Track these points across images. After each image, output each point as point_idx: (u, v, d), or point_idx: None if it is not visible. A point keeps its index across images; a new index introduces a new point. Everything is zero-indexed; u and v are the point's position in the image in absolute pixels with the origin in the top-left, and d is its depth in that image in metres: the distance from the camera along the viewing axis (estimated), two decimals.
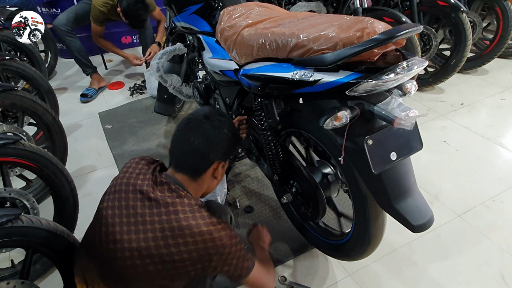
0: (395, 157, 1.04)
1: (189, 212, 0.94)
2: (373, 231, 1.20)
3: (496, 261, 1.55)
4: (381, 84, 0.94)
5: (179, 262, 0.92)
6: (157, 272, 0.92)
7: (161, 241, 0.91)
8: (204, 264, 0.95)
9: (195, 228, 0.92)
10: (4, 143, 1.45)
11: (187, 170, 1.04)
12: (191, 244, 0.92)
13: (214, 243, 0.94)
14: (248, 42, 1.24)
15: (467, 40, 2.47)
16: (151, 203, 0.95)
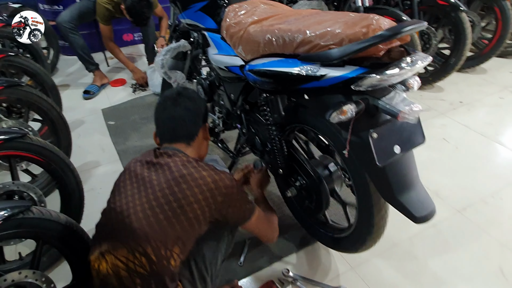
0: (399, 150, 1.07)
1: (189, 164, 1.06)
2: (376, 224, 1.23)
3: (495, 256, 1.58)
4: (386, 79, 0.97)
5: (187, 206, 0.99)
6: (169, 219, 0.98)
7: (167, 190, 1.00)
8: (211, 207, 1.03)
9: (197, 174, 1.03)
10: (12, 137, 1.47)
11: (183, 138, 1.18)
12: (195, 187, 1.01)
13: (217, 184, 1.04)
14: (255, 39, 1.26)
15: (466, 39, 2.50)
16: (155, 167, 1.07)
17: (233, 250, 1.62)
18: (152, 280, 0.97)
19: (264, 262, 1.60)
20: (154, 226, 0.98)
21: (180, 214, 0.99)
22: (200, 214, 1.01)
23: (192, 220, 1.00)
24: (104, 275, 1.01)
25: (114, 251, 0.99)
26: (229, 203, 1.07)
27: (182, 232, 0.99)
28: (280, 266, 1.58)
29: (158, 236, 0.97)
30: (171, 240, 0.98)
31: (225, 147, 1.93)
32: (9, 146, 1.48)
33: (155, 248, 0.96)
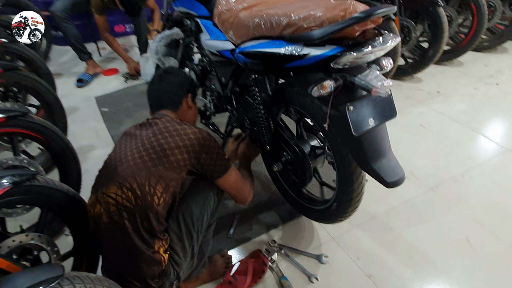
0: (373, 122, 1.20)
1: (173, 121, 1.24)
2: (355, 191, 1.36)
3: (463, 227, 1.74)
4: (360, 57, 1.10)
5: (168, 150, 1.15)
6: (153, 161, 1.14)
7: (152, 138, 1.18)
8: (190, 154, 1.18)
9: (179, 127, 1.21)
10: (15, 115, 1.56)
11: (168, 105, 1.38)
12: (176, 136, 1.18)
13: (196, 135, 1.20)
14: (245, 23, 1.38)
15: (443, 33, 2.66)
16: (145, 126, 1.25)
17: (223, 224, 1.76)
18: (137, 213, 1.10)
19: (252, 234, 1.72)
20: (140, 166, 1.13)
21: (162, 157, 1.14)
22: (180, 159, 1.16)
23: (173, 163, 1.15)
24: (97, 216, 1.15)
25: (106, 190, 1.13)
26: (206, 153, 1.21)
27: (164, 172, 1.13)
28: (267, 237, 1.70)
29: (143, 174, 1.12)
30: (154, 178, 1.12)
31: (216, 129, 2.04)
32: (11, 124, 1.56)
33: (140, 184, 1.11)
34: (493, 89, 2.82)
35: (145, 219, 1.11)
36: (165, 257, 1.18)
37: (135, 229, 1.11)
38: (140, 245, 1.12)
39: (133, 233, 1.11)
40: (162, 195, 1.13)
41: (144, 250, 1.12)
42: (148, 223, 1.12)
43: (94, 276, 1.02)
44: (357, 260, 1.60)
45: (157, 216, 1.13)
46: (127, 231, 1.11)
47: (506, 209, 1.81)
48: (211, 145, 1.23)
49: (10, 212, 1.54)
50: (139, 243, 1.12)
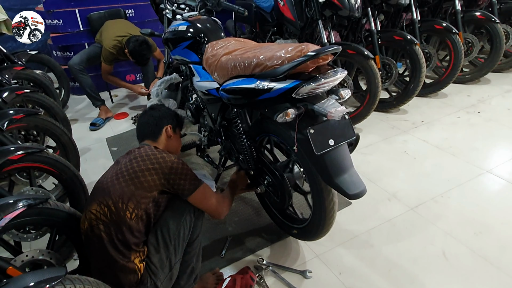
0: (333, 143, 1.39)
1: (149, 149, 1.43)
2: (327, 207, 1.52)
3: (439, 242, 1.85)
4: (315, 87, 1.32)
5: (140, 172, 1.35)
6: (126, 182, 1.34)
7: (128, 163, 1.39)
8: (159, 176, 1.35)
9: (151, 153, 1.40)
10: (33, 151, 1.81)
11: (149, 136, 1.60)
12: (147, 160, 1.38)
13: (165, 159, 1.38)
14: (225, 66, 1.63)
15: (421, 68, 2.90)
16: (127, 154, 1.46)
17: (217, 246, 1.92)
18: (112, 226, 1.31)
19: (242, 253, 1.86)
20: (115, 186, 1.34)
21: (134, 178, 1.34)
22: (150, 180, 1.35)
23: (143, 183, 1.34)
24: (85, 231, 1.36)
25: (90, 207, 1.35)
26: (175, 174, 1.37)
27: (136, 191, 1.32)
28: (256, 257, 1.84)
29: (117, 193, 1.32)
30: (127, 196, 1.32)
31: (211, 161, 2.25)
32: (29, 159, 1.81)
33: (114, 201, 1.31)
34: (474, 117, 2.99)
35: (119, 231, 1.31)
36: (140, 266, 1.35)
37: (110, 240, 1.31)
38: (114, 254, 1.31)
39: (108, 244, 1.31)
40: (134, 211, 1.32)
41: (118, 259, 1.31)
42: (122, 235, 1.31)
43: (92, 279, 1.20)
44: (339, 275, 1.71)
45: (130, 229, 1.32)
46: (103, 242, 1.31)
47: (480, 225, 1.92)
48: (179, 167, 1.40)
49: (25, 237, 1.74)
50: (114, 252, 1.31)
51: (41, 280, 1.06)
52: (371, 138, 2.80)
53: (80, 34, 3.82)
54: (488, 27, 3.31)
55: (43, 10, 3.69)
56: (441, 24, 3.10)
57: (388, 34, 2.98)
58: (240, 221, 2.07)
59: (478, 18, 3.31)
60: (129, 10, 3.92)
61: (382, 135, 2.83)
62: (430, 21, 3.18)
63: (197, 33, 1.96)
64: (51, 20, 3.73)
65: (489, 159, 2.45)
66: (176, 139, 1.68)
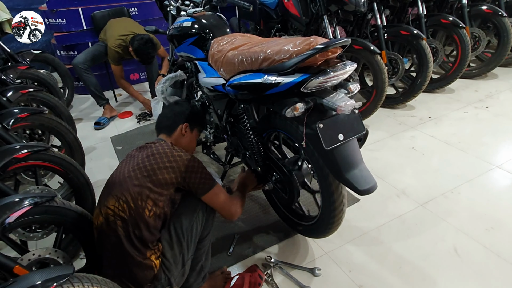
0: (343, 137, 1.36)
1: (165, 145, 1.43)
2: (336, 202, 1.49)
3: (450, 238, 1.82)
4: (324, 81, 1.30)
5: (157, 169, 1.34)
6: (144, 178, 1.33)
7: (145, 159, 1.38)
8: (176, 173, 1.35)
9: (168, 150, 1.40)
10: (38, 149, 1.79)
11: (165, 130, 1.59)
12: (164, 157, 1.37)
13: (181, 157, 1.38)
14: (231, 61, 1.61)
15: (428, 63, 2.86)
16: (143, 149, 1.45)
17: (224, 243, 1.90)
18: (130, 222, 1.30)
19: (250, 251, 1.84)
20: (134, 182, 1.33)
21: (152, 176, 1.33)
22: (167, 178, 1.34)
23: (161, 181, 1.33)
24: (99, 226, 1.34)
25: (107, 202, 1.34)
26: (190, 173, 1.37)
27: (154, 188, 1.32)
28: (264, 254, 1.82)
29: (136, 189, 1.31)
30: (145, 194, 1.31)
31: (217, 158, 2.23)
32: (35, 157, 1.79)
33: (133, 198, 1.30)
34: (483, 112, 2.95)
35: (136, 228, 1.30)
36: (156, 263, 1.34)
37: (127, 236, 1.30)
38: (131, 251, 1.30)
39: (125, 240, 1.30)
40: (152, 209, 1.31)
41: (135, 256, 1.30)
42: (139, 231, 1.30)
43: (100, 278, 1.18)
44: (349, 272, 1.69)
45: (147, 226, 1.31)
46: (120, 237, 1.30)
47: (492, 220, 1.89)
48: (195, 165, 1.40)
49: (32, 236, 1.73)
50: (130, 249, 1.30)
51: (49, 278, 1.04)
52: (379, 134, 2.76)
53: (83, 33, 3.80)
54: (495, 21, 3.26)
55: (47, 9, 3.68)
56: (448, 19, 3.06)
57: (394, 29, 2.94)
58: (247, 219, 2.05)
59: (485, 12, 3.27)
60: (133, 9, 3.91)
61: (389, 131, 2.80)
62: (436, 16, 3.14)
63: (202, 29, 1.94)
64: (54, 19, 3.72)
65: (498, 154, 2.42)
66: (191, 138, 1.64)
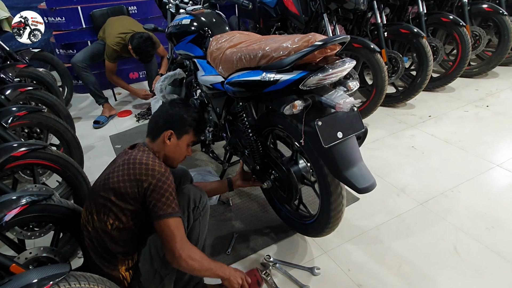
0: (341, 135, 1.35)
1: (144, 154, 1.34)
2: (335, 202, 1.48)
3: (450, 237, 1.81)
4: (323, 78, 1.28)
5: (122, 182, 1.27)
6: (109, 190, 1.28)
7: (116, 168, 1.31)
8: (139, 185, 1.25)
9: (141, 159, 1.30)
10: (36, 148, 1.79)
11: (150, 134, 1.47)
12: (132, 169, 1.28)
13: (148, 167, 1.27)
14: (230, 59, 1.60)
15: (428, 62, 2.85)
16: (125, 154, 1.39)
17: (223, 242, 1.89)
18: (93, 235, 1.31)
19: (249, 251, 1.83)
20: (100, 193, 1.29)
21: (116, 189, 1.27)
22: (130, 192, 1.26)
23: (124, 195, 1.26)
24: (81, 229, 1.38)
25: (83, 209, 1.37)
26: (155, 190, 1.24)
27: (117, 202, 1.27)
28: (263, 253, 1.81)
29: (101, 202, 1.29)
30: (108, 207, 1.28)
31: (215, 156, 2.22)
32: (32, 156, 1.79)
33: (97, 210, 1.29)
34: (483, 111, 2.94)
35: (100, 240, 1.30)
36: (125, 275, 1.34)
37: (93, 248, 1.32)
38: (98, 262, 1.32)
39: (92, 251, 1.32)
40: (115, 223, 1.28)
41: (103, 267, 1.31)
42: (104, 244, 1.30)
43: (97, 276, 1.17)
44: (348, 271, 1.68)
45: (112, 239, 1.30)
46: (87, 248, 1.33)
47: (492, 219, 1.88)
48: (163, 181, 1.26)
49: (29, 234, 1.72)
50: (98, 260, 1.32)
51: (45, 277, 1.03)
52: (378, 133, 2.75)
53: (82, 31, 3.80)
54: (496, 20, 3.25)
55: (46, 8, 3.67)
56: (448, 17, 3.05)
57: (394, 28, 2.93)
58: (246, 218, 2.04)
59: (485, 10, 3.26)
60: (132, 7, 3.90)
61: (389, 130, 2.79)
62: (436, 14, 3.13)
63: (201, 26, 1.93)
64: (53, 18, 3.71)
65: (499, 152, 2.41)
66: (176, 146, 1.45)
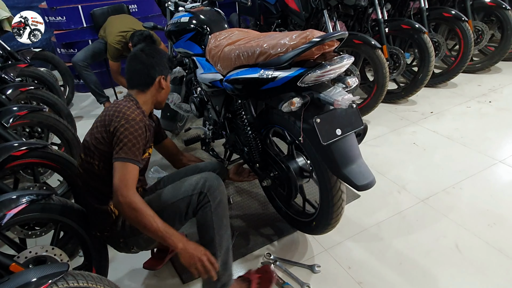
0: (340, 132, 1.34)
1: (125, 104, 1.39)
2: (334, 198, 1.48)
3: (452, 234, 1.80)
4: (321, 75, 1.28)
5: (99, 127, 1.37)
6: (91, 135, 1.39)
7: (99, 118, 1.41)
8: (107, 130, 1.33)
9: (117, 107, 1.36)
10: (36, 147, 1.79)
11: (138, 86, 1.47)
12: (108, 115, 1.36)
13: (120, 114, 1.33)
14: (228, 56, 1.59)
15: (430, 57, 2.82)
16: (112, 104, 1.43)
17: None
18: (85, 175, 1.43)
19: (249, 248, 1.83)
20: (86, 138, 1.41)
21: (95, 133, 1.38)
22: (104, 137, 1.35)
23: (99, 140, 1.36)
24: None
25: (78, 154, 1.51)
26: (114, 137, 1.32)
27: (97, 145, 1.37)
28: (263, 251, 1.81)
29: (87, 146, 1.40)
30: (91, 151, 1.38)
31: (215, 155, 2.22)
32: (32, 155, 1.79)
33: (85, 154, 1.40)
34: (486, 107, 2.91)
35: (90, 180, 1.41)
36: (114, 210, 1.44)
37: (84, 186, 1.44)
38: (90, 199, 1.43)
39: (84, 189, 1.44)
40: (100, 164, 1.38)
41: (93, 203, 1.42)
42: (94, 183, 1.41)
43: (95, 275, 1.18)
44: (348, 269, 1.67)
45: (99, 178, 1.40)
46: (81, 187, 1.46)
47: (494, 216, 1.86)
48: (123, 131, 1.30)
49: (30, 233, 1.72)
50: (89, 198, 1.43)
51: (43, 275, 1.04)
52: (379, 130, 2.74)
53: (83, 30, 3.79)
54: (499, 14, 3.22)
55: (47, 7, 3.67)
56: (450, 12, 3.02)
57: (396, 23, 2.91)
58: (246, 216, 2.04)
59: (488, 5, 3.23)
60: (132, 5, 3.89)
61: (390, 127, 2.77)
62: (438, 9, 3.10)
63: (199, 24, 1.92)
64: (54, 17, 3.71)
65: (501, 148, 2.39)
66: (166, 88, 1.53)
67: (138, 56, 1.46)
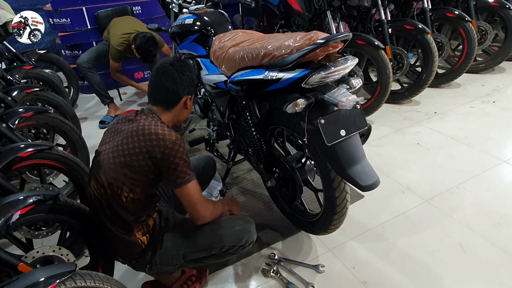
0: (344, 133, 1.35)
1: (152, 122, 1.29)
2: (338, 198, 1.48)
3: (456, 234, 1.80)
4: (326, 76, 1.28)
5: (134, 155, 1.26)
6: (120, 163, 1.27)
7: (125, 140, 1.28)
8: (152, 156, 1.24)
9: (150, 129, 1.26)
10: (42, 148, 1.80)
11: (162, 103, 1.38)
12: (142, 141, 1.25)
13: (158, 137, 1.24)
14: (233, 57, 1.60)
15: (433, 58, 2.82)
16: (129, 122, 1.34)
17: None
18: (106, 206, 1.32)
19: (253, 248, 1.83)
20: (110, 166, 1.29)
21: (128, 162, 1.26)
22: (144, 165, 1.25)
23: (136, 168, 1.26)
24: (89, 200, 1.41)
25: (91, 181, 1.37)
26: (169, 159, 1.25)
27: (130, 174, 1.27)
28: (268, 251, 1.81)
29: (112, 175, 1.28)
30: (121, 181, 1.28)
31: (220, 155, 2.23)
32: (39, 156, 1.81)
33: (109, 184, 1.29)
34: (489, 107, 2.91)
35: (113, 211, 1.32)
36: (143, 239, 1.39)
37: (107, 217, 1.34)
38: (114, 230, 1.34)
39: (107, 221, 1.35)
40: (129, 195, 1.29)
41: (119, 234, 1.35)
42: (118, 214, 1.32)
43: (103, 275, 1.19)
44: (352, 269, 1.68)
45: (126, 209, 1.31)
46: (101, 218, 1.36)
47: (499, 216, 1.86)
48: (175, 149, 1.25)
49: (37, 234, 1.74)
50: (113, 228, 1.35)
51: (51, 275, 1.05)
52: (383, 130, 2.74)
53: (88, 32, 3.82)
54: (502, 14, 3.21)
55: (51, 9, 3.70)
56: (454, 12, 3.02)
57: (399, 24, 2.91)
58: (251, 216, 2.02)
59: (491, 5, 3.22)
60: (136, 7, 3.91)
61: (394, 127, 2.77)
62: (441, 9, 3.10)
63: (204, 26, 1.94)
64: (59, 19, 3.74)
65: (505, 148, 2.38)
66: (190, 108, 1.46)
67: (168, 72, 1.35)
